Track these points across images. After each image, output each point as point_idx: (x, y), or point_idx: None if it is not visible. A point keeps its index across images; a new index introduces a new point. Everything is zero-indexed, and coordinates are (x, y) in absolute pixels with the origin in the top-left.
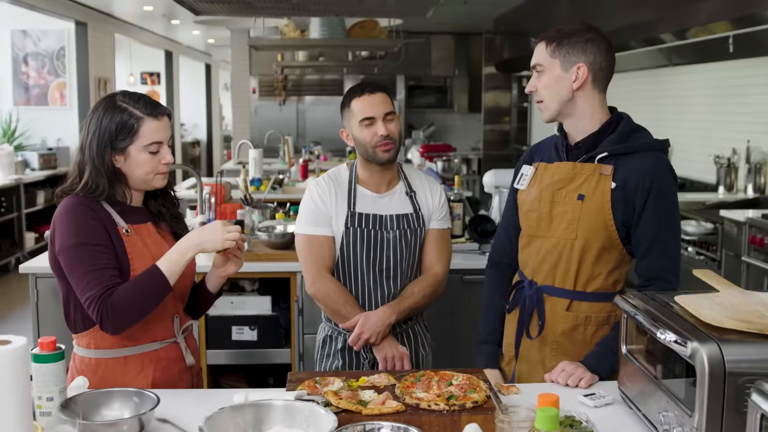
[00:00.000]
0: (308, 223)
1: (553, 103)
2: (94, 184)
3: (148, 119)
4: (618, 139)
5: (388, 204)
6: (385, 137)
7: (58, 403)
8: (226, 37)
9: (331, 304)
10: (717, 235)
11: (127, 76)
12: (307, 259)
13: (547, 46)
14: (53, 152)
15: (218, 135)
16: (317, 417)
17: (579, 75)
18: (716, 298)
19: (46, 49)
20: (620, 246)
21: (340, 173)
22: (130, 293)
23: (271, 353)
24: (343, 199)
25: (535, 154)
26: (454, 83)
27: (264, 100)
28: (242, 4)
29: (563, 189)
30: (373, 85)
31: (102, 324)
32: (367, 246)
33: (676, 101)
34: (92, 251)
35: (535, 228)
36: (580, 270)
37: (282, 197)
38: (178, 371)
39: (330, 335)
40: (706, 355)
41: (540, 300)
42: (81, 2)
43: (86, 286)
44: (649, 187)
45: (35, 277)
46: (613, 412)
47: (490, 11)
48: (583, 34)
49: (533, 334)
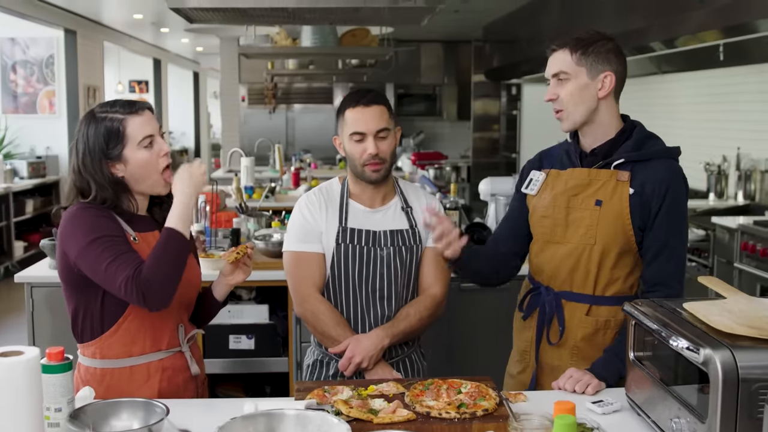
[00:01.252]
0: (297, 240)
1: (578, 112)
2: (102, 198)
3: (130, 117)
4: (634, 146)
5: (381, 219)
6: (374, 156)
7: (66, 413)
8: (215, 45)
9: (321, 327)
10: (709, 241)
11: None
12: (295, 278)
13: (572, 54)
14: (42, 160)
15: (206, 143)
16: (330, 426)
17: (606, 83)
18: (724, 305)
19: (35, 57)
20: (636, 250)
21: (332, 187)
22: (158, 261)
23: (269, 362)
24: (335, 214)
25: (545, 161)
26: (443, 91)
27: (253, 108)
28: (238, 12)
29: (579, 195)
30: (369, 97)
31: (146, 301)
32: (360, 263)
33: (666, 109)
34: (111, 242)
35: (549, 234)
36: (599, 275)
37: (275, 205)
38: (184, 381)
39: (320, 360)
40: (720, 362)
41: (559, 305)
42: (70, 10)
43: (116, 272)
44: (665, 193)
45: (31, 286)
46: (621, 419)
47: (479, 19)
48: (604, 42)
49: (553, 340)
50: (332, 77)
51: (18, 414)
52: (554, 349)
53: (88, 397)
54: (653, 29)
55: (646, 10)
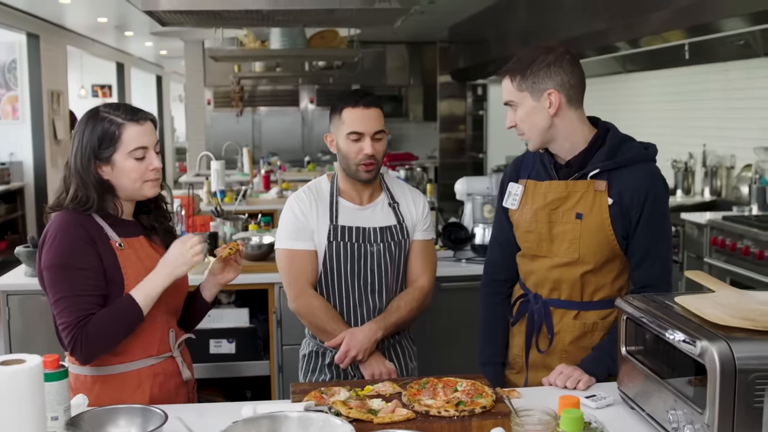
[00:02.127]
0: (289, 238)
1: (534, 134)
2: (84, 196)
3: (129, 124)
4: (608, 153)
5: (371, 216)
6: (370, 156)
7: (63, 421)
8: (179, 48)
9: (315, 321)
10: (678, 237)
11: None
12: (288, 275)
13: (512, 81)
14: (6, 167)
15: (170, 147)
16: (333, 427)
17: (552, 101)
18: (715, 298)
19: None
20: (622, 256)
21: (321, 185)
22: (105, 324)
23: (250, 366)
24: (325, 212)
25: (521, 170)
26: (409, 92)
27: (219, 112)
28: (211, 14)
29: (559, 208)
30: (370, 99)
31: (73, 351)
32: (351, 260)
33: (632, 107)
34: (77, 275)
35: (535, 248)
36: (585, 284)
37: (248, 208)
38: (175, 386)
39: (316, 351)
40: (717, 354)
41: (547, 313)
42: (33, 14)
43: (63, 311)
44: (644, 200)
45: (6, 294)
46: (616, 413)
47: (445, 20)
48: (543, 58)
49: (543, 348)
50: (298, 79)
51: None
52: (544, 354)
53: (81, 405)
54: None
55: (610, 11)
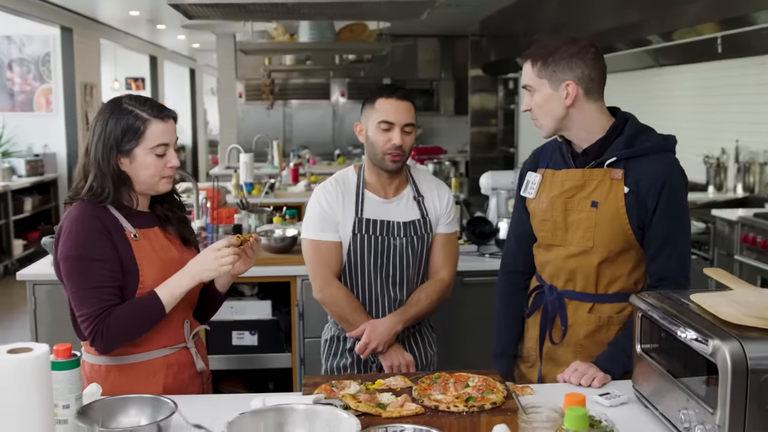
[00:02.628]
0: (315, 228)
1: (548, 122)
2: (99, 187)
3: (155, 121)
4: (626, 142)
5: (395, 210)
6: (398, 147)
7: (74, 410)
8: (211, 41)
9: (339, 311)
10: (709, 234)
11: (112, 81)
12: (314, 265)
13: (533, 66)
14: (40, 158)
15: (203, 140)
16: (339, 420)
17: (569, 92)
18: (731, 296)
19: (32, 54)
20: (638, 246)
21: (348, 177)
22: (127, 317)
23: (272, 358)
24: (351, 204)
25: (540, 160)
26: (440, 86)
27: (251, 105)
28: (236, 7)
29: (575, 197)
30: (404, 92)
31: (93, 342)
32: (375, 252)
33: (664, 101)
34: (93, 266)
35: (550, 237)
36: (600, 275)
37: (275, 201)
38: (189, 377)
39: (337, 335)
40: (729, 353)
41: (562, 305)
42: (66, 7)
43: (83, 303)
44: (660, 189)
45: (33, 284)
46: (629, 411)
47: (476, 14)
48: (567, 48)
49: (556, 339)
50: (329, 73)
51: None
52: (558, 347)
53: (95, 394)
54: (650, 22)
55: (642, 3)
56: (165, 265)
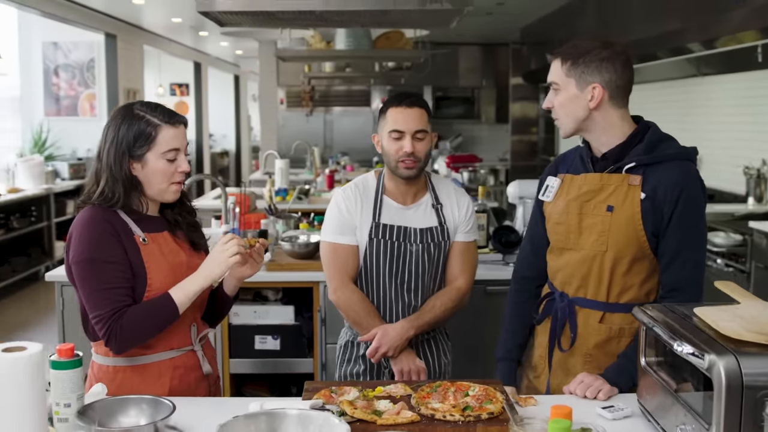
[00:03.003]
0: (334, 232)
1: (568, 121)
2: (110, 192)
3: (166, 127)
4: (646, 149)
5: (413, 216)
6: (410, 155)
7: (75, 409)
8: (254, 48)
9: (353, 315)
10: (746, 246)
11: (156, 87)
12: (331, 268)
13: (563, 65)
14: (83, 162)
15: (247, 145)
16: (331, 426)
17: (595, 95)
18: (736, 310)
19: (77, 60)
20: (651, 256)
21: (368, 182)
22: (140, 318)
23: (294, 363)
24: (369, 209)
25: (561, 166)
26: (482, 94)
27: (292, 111)
28: (266, 15)
29: (591, 201)
30: (412, 99)
31: (107, 342)
32: (390, 258)
33: (705, 111)
34: (105, 268)
35: (564, 241)
36: (612, 282)
37: (307, 207)
38: (195, 379)
39: (352, 341)
40: (724, 368)
41: (572, 312)
42: (110, 15)
43: (97, 304)
44: (677, 197)
45: (61, 285)
46: (632, 425)
47: (516, 22)
48: (598, 52)
49: (565, 347)
50: (370, 80)
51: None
52: (567, 356)
53: (100, 394)
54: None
55: (683, 11)
56: (173, 269)
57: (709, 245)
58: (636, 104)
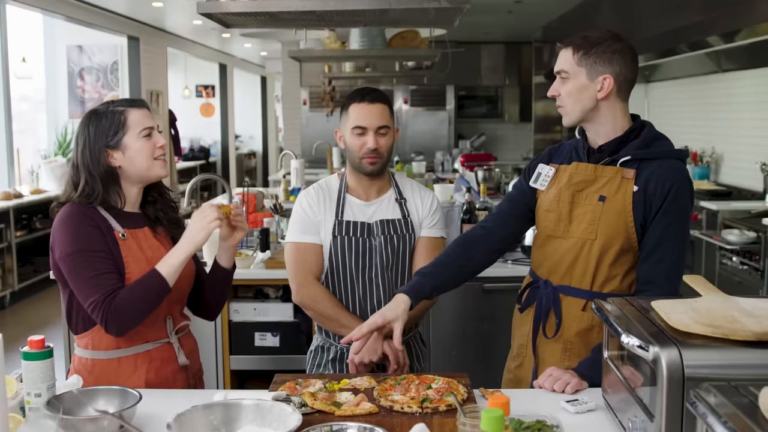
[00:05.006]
0: (297, 231)
1: (575, 111)
2: (90, 189)
3: (131, 110)
4: (641, 145)
5: (376, 211)
6: (373, 150)
7: (45, 399)
8: (277, 49)
9: (319, 308)
10: (760, 244)
11: (182, 88)
12: (293, 267)
13: (574, 54)
14: None
15: (274, 146)
16: (285, 416)
17: (605, 86)
18: (694, 303)
19: (101, 63)
20: (636, 248)
21: (330, 183)
22: (132, 296)
23: (293, 359)
24: (331, 208)
25: (555, 156)
26: (505, 93)
27: (315, 112)
28: (268, 16)
29: (584, 191)
30: (374, 95)
31: (107, 327)
32: (355, 254)
33: (725, 108)
34: (92, 257)
35: (553, 228)
36: (597, 270)
37: None
38: (172, 372)
39: (321, 345)
40: (665, 360)
41: (556, 298)
42: (133, 18)
43: (89, 292)
44: (667, 192)
45: None
46: (595, 419)
47: (537, 20)
48: (610, 44)
49: (550, 334)
50: (392, 80)
51: None
52: (549, 343)
53: (75, 385)
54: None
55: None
56: (152, 265)
57: (723, 243)
58: (657, 101)
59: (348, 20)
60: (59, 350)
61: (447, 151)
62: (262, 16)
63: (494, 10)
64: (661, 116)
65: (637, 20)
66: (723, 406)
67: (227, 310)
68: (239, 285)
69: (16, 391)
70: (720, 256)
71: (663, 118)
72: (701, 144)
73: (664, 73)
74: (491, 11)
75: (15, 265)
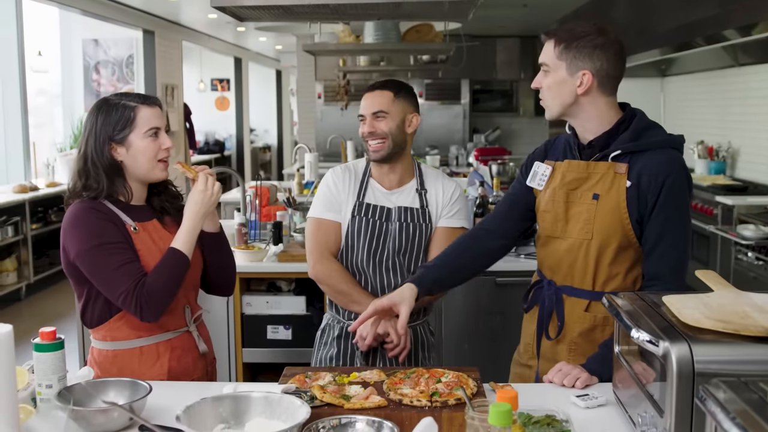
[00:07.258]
0: (320, 208)
1: (555, 105)
2: (95, 181)
3: (143, 107)
4: (631, 137)
5: (396, 199)
6: (369, 134)
7: (56, 390)
8: (292, 43)
9: (333, 283)
10: None
11: (197, 82)
12: (312, 242)
13: (556, 46)
14: None
15: (289, 140)
16: (294, 409)
17: (584, 81)
18: (705, 299)
19: (116, 57)
20: (637, 244)
21: (358, 165)
22: (159, 278)
23: (305, 352)
24: (355, 189)
25: (550, 152)
26: (520, 87)
27: (329, 105)
28: (281, 9)
29: (578, 189)
30: (379, 83)
31: (141, 314)
32: (370, 236)
33: (742, 102)
34: (112, 250)
35: (551, 229)
36: (597, 270)
37: None
38: (192, 359)
39: (329, 323)
40: (675, 355)
41: (559, 300)
42: (148, 12)
43: (118, 283)
44: (662, 185)
45: None
46: (605, 414)
47: (552, 14)
48: (593, 38)
49: (552, 335)
50: (407, 74)
51: None
52: (554, 343)
53: (87, 376)
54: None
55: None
56: None
57: (739, 238)
58: (673, 95)
59: (362, 14)
60: (73, 342)
61: (462, 145)
62: (275, 10)
63: (509, 3)
64: (677, 110)
65: (652, 14)
66: (732, 402)
67: (240, 303)
68: (252, 278)
69: (27, 382)
70: (735, 252)
71: (679, 112)
72: (717, 138)
73: (680, 67)
74: (506, 4)
75: (31, 258)
